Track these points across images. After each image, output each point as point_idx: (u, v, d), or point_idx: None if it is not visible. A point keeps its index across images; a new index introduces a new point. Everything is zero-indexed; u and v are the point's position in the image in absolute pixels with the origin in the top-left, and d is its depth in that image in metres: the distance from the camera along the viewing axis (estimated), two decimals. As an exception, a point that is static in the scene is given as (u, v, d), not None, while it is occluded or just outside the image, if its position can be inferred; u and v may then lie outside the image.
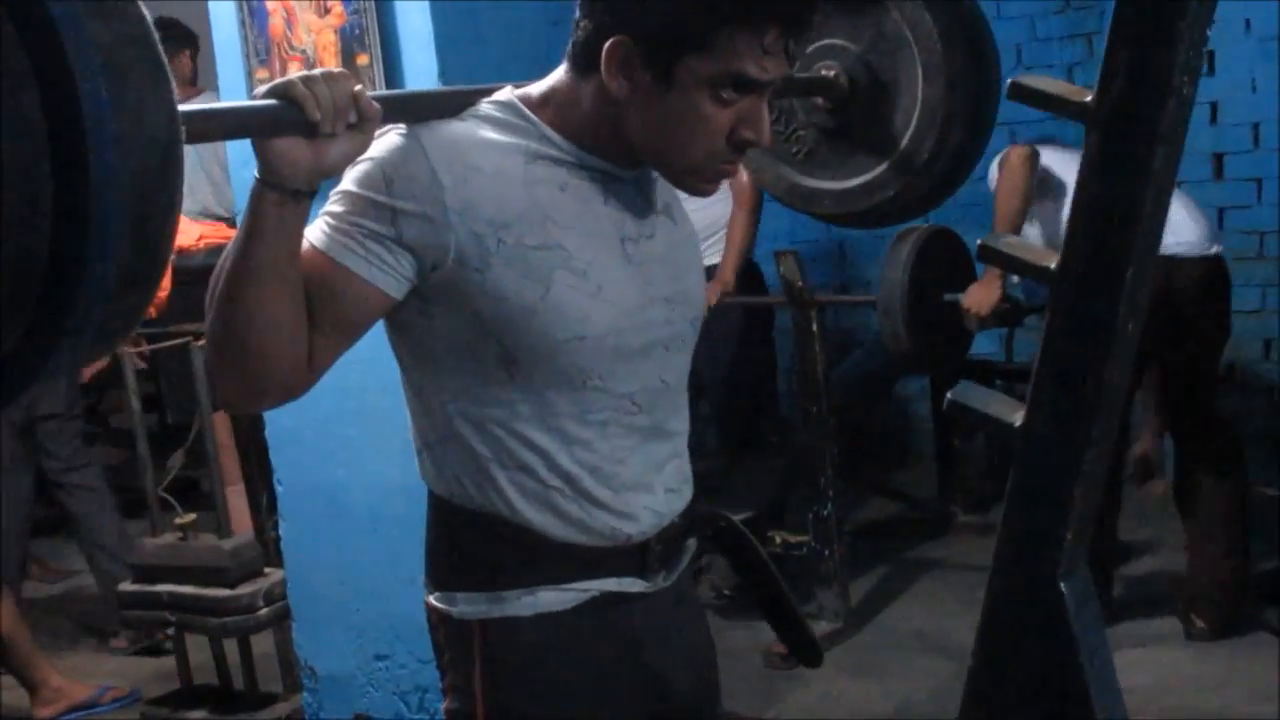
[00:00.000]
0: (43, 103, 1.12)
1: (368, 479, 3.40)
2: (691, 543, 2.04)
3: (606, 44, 1.73)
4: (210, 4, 3.58)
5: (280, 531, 3.70)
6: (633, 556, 1.90)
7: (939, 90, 2.10)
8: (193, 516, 4.09)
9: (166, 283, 5.80)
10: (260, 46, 3.56)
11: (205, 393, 4.04)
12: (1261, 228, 6.11)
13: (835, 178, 2.35)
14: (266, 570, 3.94)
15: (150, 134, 1.19)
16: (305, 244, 1.72)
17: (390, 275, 1.73)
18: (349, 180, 1.75)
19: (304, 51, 3.52)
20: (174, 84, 1.26)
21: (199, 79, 6.69)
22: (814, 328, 5.02)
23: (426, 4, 3.28)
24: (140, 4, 1.25)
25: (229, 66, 3.58)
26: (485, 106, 1.83)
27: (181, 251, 5.82)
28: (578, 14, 1.79)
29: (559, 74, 1.84)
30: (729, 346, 5.57)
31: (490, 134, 1.80)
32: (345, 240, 1.72)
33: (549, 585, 1.86)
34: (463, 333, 1.79)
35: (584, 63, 1.79)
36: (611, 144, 1.83)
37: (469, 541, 1.90)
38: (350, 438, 3.40)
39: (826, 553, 5.06)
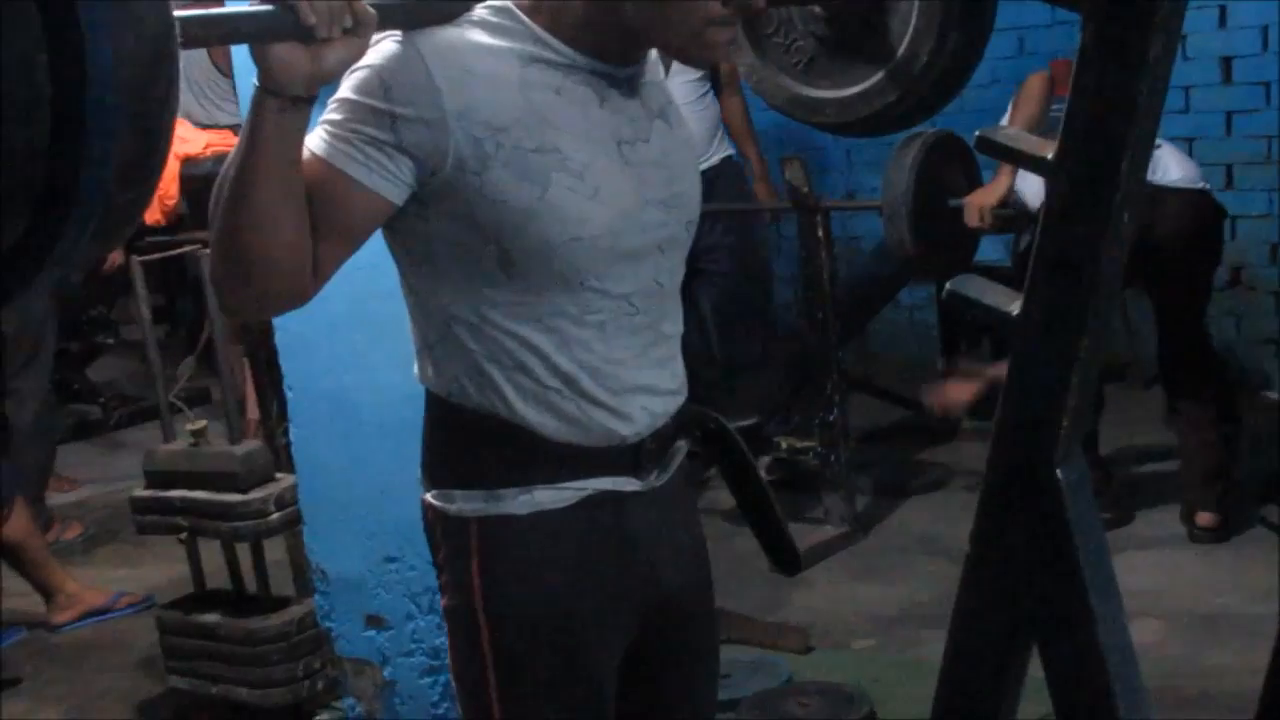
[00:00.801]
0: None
1: (376, 385, 3.41)
2: (683, 444, 2.05)
3: None
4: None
5: (290, 437, 3.72)
6: (627, 456, 1.92)
7: (934, -7, 2.09)
8: (204, 423, 4.11)
9: (175, 190, 5.82)
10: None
11: (213, 300, 4.05)
12: (1270, 132, 6.10)
13: (835, 86, 2.34)
14: (277, 475, 3.97)
15: (143, 29, 1.19)
16: (306, 152, 1.72)
17: (390, 181, 1.74)
18: (347, 88, 1.74)
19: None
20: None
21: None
22: (820, 233, 5.02)
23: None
24: None
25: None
26: (480, 11, 1.82)
27: (189, 159, 5.83)
28: None
29: None
30: (735, 253, 5.64)
31: (485, 38, 1.79)
32: (345, 147, 1.72)
33: (545, 484, 1.88)
34: (461, 235, 1.80)
35: None
36: (606, 42, 1.82)
37: (466, 440, 1.91)
38: (358, 344, 3.41)
39: (832, 458, 5.10)
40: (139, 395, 7.61)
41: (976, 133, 1.25)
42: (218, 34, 1.59)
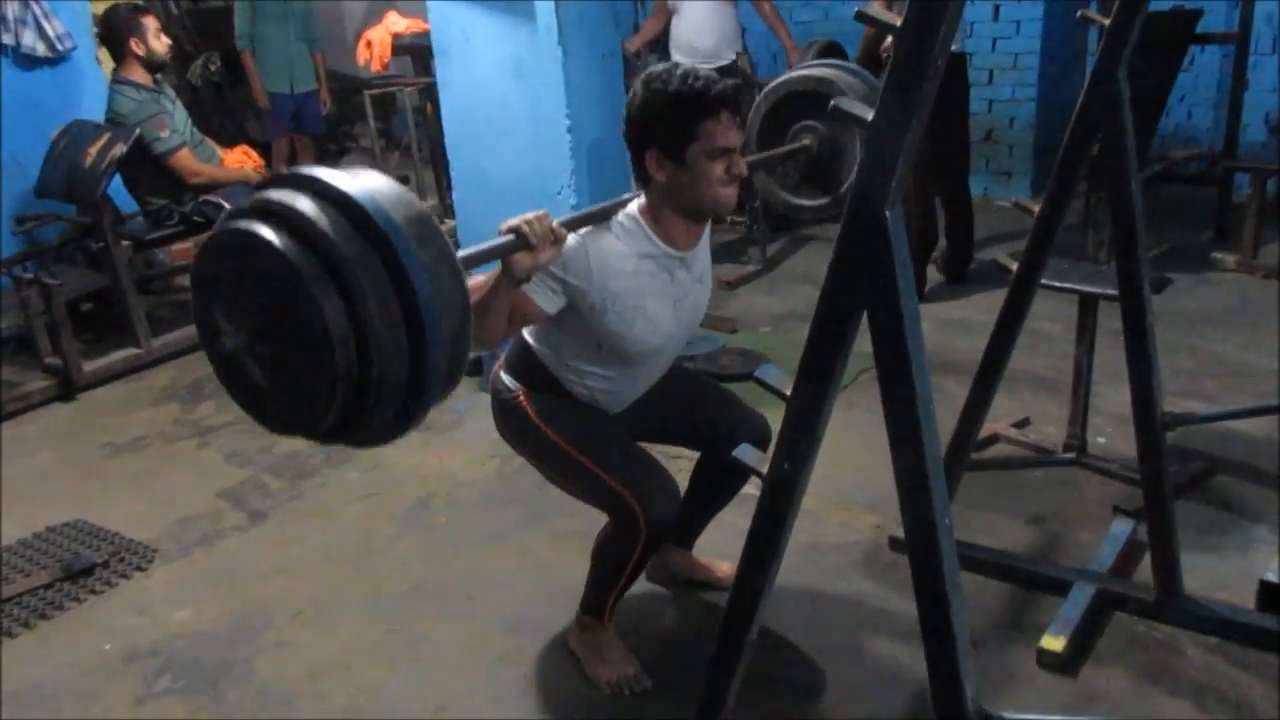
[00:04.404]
0: (398, 298, 1.16)
1: (503, 169, 3.36)
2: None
3: (645, 157, 1.84)
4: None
5: (454, 198, 3.69)
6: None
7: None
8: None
9: (388, 54, 5.57)
10: None
11: (414, 131, 3.93)
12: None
13: (808, 199, 2.31)
14: (446, 220, 3.95)
15: (452, 303, 1.20)
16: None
17: (551, 304, 1.87)
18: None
19: None
20: (463, 274, 1.23)
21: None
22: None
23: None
24: (443, 233, 1.22)
25: None
26: (622, 218, 1.90)
27: (397, 35, 5.59)
28: (629, 152, 1.88)
29: (644, 195, 1.91)
30: None
31: (620, 243, 1.88)
32: (539, 286, 1.84)
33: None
34: (581, 332, 1.94)
35: (643, 179, 1.89)
36: (677, 234, 1.92)
37: (531, 371, 2.05)
38: (492, 144, 3.35)
39: (755, 228, 5.07)
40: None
41: (833, 102, 1.24)
42: (486, 257, 1.59)
